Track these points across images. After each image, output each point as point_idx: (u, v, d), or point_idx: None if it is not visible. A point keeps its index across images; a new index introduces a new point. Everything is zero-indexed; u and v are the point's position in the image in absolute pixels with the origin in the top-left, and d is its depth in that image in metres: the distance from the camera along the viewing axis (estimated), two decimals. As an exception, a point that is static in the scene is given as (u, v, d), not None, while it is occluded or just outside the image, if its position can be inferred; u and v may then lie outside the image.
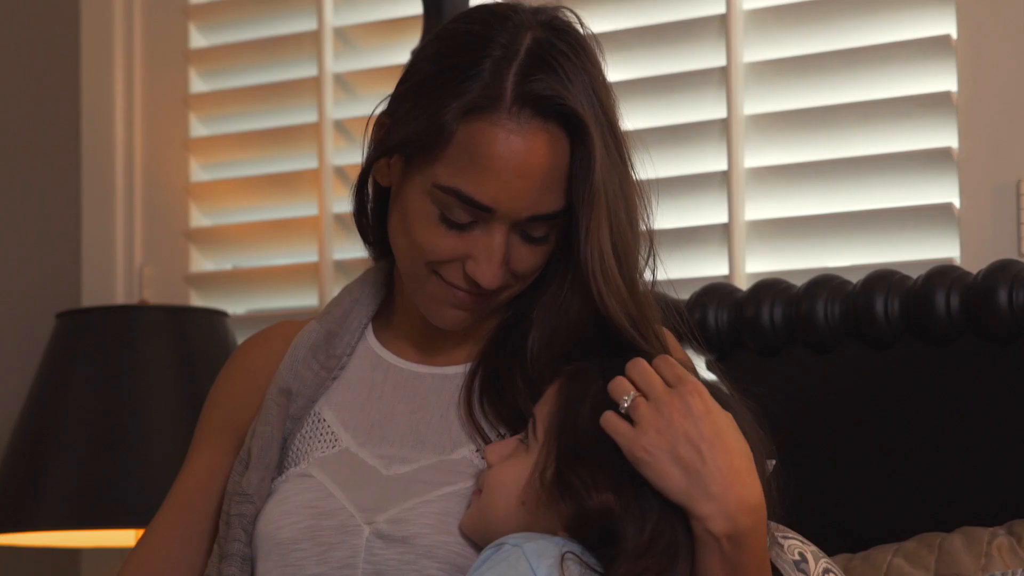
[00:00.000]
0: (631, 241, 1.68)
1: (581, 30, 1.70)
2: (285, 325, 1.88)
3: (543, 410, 1.60)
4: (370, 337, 1.82)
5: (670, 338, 1.78)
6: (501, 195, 1.63)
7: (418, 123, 1.65)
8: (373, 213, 1.79)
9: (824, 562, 1.70)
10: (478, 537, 1.61)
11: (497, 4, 1.72)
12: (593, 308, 1.67)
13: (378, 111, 1.75)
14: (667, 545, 1.50)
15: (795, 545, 1.68)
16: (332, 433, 1.75)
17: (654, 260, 1.72)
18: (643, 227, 1.70)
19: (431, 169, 1.65)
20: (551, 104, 1.63)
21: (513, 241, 1.67)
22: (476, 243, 1.66)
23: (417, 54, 1.75)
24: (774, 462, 1.62)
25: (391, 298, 1.83)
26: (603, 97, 1.67)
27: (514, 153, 1.63)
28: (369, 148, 1.75)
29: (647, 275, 1.71)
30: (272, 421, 1.76)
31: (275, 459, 1.75)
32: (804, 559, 1.67)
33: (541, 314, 1.71)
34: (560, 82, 1.64)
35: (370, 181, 1.77)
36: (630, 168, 1.70)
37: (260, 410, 1.78)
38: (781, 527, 1.70)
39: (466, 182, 1.63)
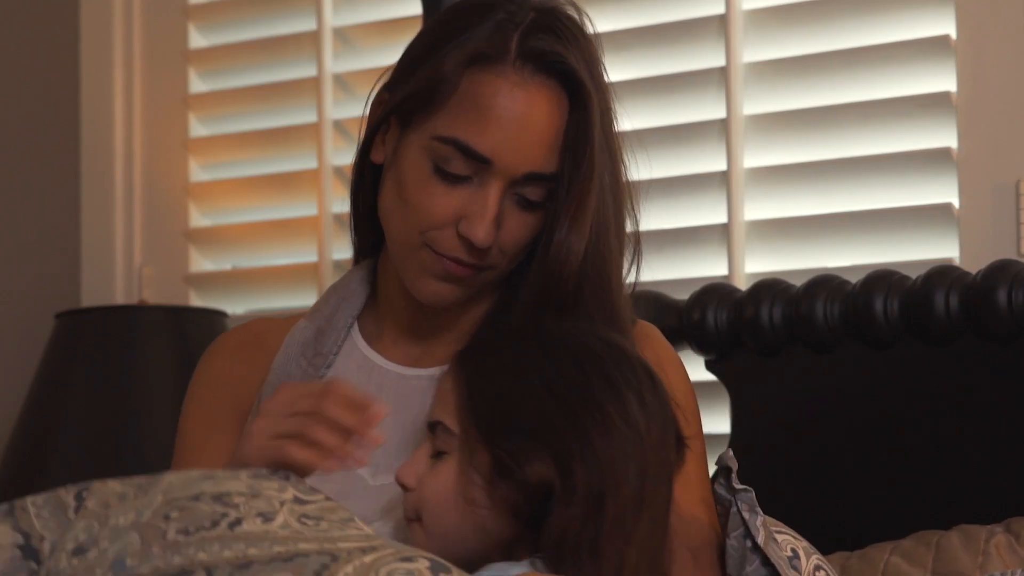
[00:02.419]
0: (612, 222, 1.68)
1: (579, 20, 1.71)
2: (259, 323, 1.86)
3: (447, 406, 1.55)
4: (356, 336, 1.81)
5: (648, 335, 1.77)
6: (500, 147, 1.64)
7: (419, 77, 1.66)
8: (367, 195, 1.77)
9: (815, 558, 1.69)
10: (442, 556, 1.56)
11: None
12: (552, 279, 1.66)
13: (375, 92, 1.75)
14: (590, 492, 1.46)
15: (788, 541, 1.68)
16: None
17: (638, 259, 1.73)
18: (629, 225, 1.71)
19: (430, 122, 1.66)
20: (554, 63, 1.65)
21: (507, 206, 1.67)
22: (470, 201, 1.65)
23: (417, 34, 1.76)
24: (687, 449, 1.57)
25: (375, 295, 1.82)
26: (600, 82, 1.69)
27: (516, 105, 1.64)
28: (367, 125, 1.75)
29: (631, 276, 1.72)
30: None
31: None
32: (796, 555, 1.67)
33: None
34: (562, 44, 1.65)
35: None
36: (621, 163, 1.70)
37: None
38: (776, 522, 1.70)
39: (466, 132, 1.64)
